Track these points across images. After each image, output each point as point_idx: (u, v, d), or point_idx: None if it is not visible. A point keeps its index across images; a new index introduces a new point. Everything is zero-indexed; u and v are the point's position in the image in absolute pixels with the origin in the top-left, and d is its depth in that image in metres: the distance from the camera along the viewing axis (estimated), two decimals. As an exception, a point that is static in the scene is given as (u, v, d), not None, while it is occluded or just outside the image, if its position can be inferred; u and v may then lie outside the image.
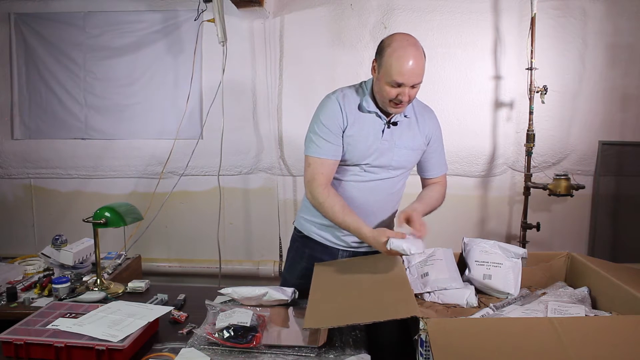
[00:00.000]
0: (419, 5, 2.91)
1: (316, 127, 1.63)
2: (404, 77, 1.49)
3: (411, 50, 1.50)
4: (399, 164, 1.69)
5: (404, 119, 1.67)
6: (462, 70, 2.93)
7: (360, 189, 1.69)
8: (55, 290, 1.77)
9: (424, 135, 1.72)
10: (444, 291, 1.60)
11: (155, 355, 1.33)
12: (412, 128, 1.69)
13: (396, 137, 1.66)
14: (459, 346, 1.13)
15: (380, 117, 1.64)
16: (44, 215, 3.33)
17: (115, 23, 3.10)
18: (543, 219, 2.92)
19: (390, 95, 1.54)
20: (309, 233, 1.80)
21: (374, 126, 1.64)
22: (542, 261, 1.74)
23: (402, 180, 1.76)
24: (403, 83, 1.50)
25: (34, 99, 3.20)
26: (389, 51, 1.51)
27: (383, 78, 1.53)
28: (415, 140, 1.70)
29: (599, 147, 2.93)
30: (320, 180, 1.61)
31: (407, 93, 1.53)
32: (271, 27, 3.00)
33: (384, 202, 1.74)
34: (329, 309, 1.34)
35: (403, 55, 1.49)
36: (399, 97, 1.53)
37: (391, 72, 1.50)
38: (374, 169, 1.67)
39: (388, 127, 1.64)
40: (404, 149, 1.68)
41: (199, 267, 3.18)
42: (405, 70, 1.49)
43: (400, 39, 1.53)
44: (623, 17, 2.82)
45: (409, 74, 1.49)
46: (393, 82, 1.51)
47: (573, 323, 1.19)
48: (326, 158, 1.62)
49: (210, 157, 3.02)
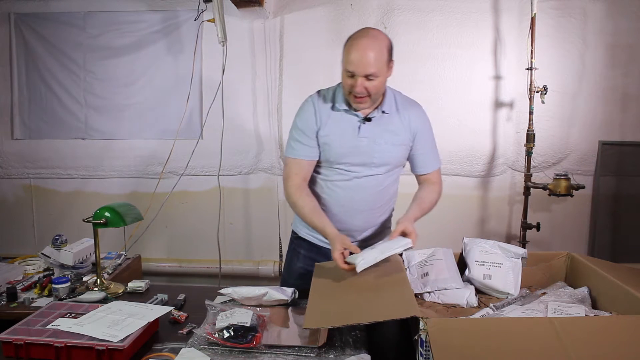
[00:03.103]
0: (419, 5, 2.91)
1: (292, 129, 1.72)
2: (353, 65, 1.53)
3: (363, 41, 1.54)
4: (382, 160, 1.69)
5: (383, 115, 1.67)
6: (462, 70, 2.93)
7: (345, 187, 1.70)
8: (55, 290, 1.77)
9: (408, 131, 1.71)
10: (444, 291, 1.60)
11: (155, 355, 1.33)
12: (394, 123, 1.69)
13: (376, 133, 1.66)
14: (459, 346, 1.13)
15: (352, 113, 1.65)
16: (44, 215, 3.33)
17: (115, 23, 3.10)
18: (543, 219, 2.92)
19: (347, 86, 1.58)
20: (302, 234, 1.84)
21: (349, 123, 1.66)
22: (542, 261, 1.74)
23: (389, 177, 1.75)
24: (353, 72, 1.53)
25: (34, 99, 3.20)
26: (347, 42, 1.57)
27: (342, 68, 1.58)
28: (398, 136, 1.69)
29: (599, 147, 2.93)
30: (293, 180, 1.69)
31: (361, 84, 1.54)
32: (271, 27, 3.00)
33: (372, 200, 1.74)
34: (329, 309, 1.34)
35: (354, 44, 1.54)
36: (353, 88, 1.56)
37: (345, 61, 1.56)
38: (355, 167, 1.68)
39: (363, 123, 1.65)
40: (386, 145, 1.68)
41: (199, 267, 3.18)
42: (354, 59, 1.53)
43: (359, 31, 1.59)
44: (623, 17, 2.82)
45: (358, 62, 1.52)
46: (346, 71, 1.55)
47: (573, 323, 1.19)
48: (300, 158, 1.69)
49: (210, 157, 3.01)
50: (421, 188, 1.81)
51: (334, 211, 1.72)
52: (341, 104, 1.66)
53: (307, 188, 1.70)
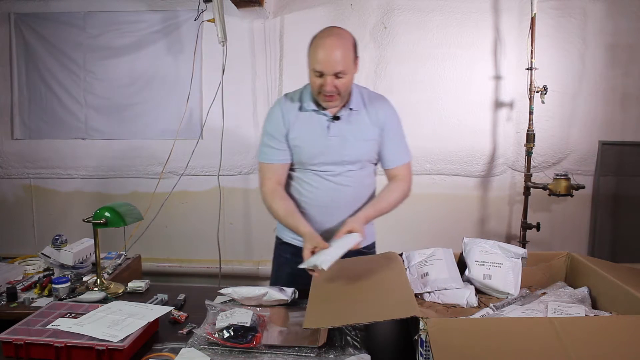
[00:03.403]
0: (419, 5, 2.91)
1: (263, 135, 1.74)
2: (321, 64, 1.54)
3: (330, 39, 1.55)
4: (354, 157, 1.70)
5: (351, 112, 1.68)
6: (462, 70, 2.93)
7: (323, 188, 1.71)
8: (55, 290, 1.77)
9: (376, 125, 1.72)
10: (444, 291, 1.59)
11: (155, 355, 1.33)
12: (363, 119, 1.70)
13: (346, 131, 1.67)
14: (459, 346, 1.13)
15: (321, 113, 1.66)
16: (44, 215, 3.33)
17: (115, 23, 3.10)
18: (543, 219, 2.92)
19: (316, 86, 1.58)
20: (286, 238, 1.84)
21: (318, 123, 1.67)
22: (542, 261, 1.73)
23: (364, 173, 1.75)
24: (322, 71, 1.54)
25: (34, 99, 3.20)
26: (313, 41, 1.58)
27: (309, 69, 1.58)
28: (367, 131, 1.70)
29: (599, 147, 2.93)
30: (267, 185, 1.71)
31: (331, 83, 1.55)
32: (271, 27, 3.00)
33: (350, 197, 1.74)
34: (329, 309, 1.34)
35: (321, 44, 1.55)
36: (323, 87, 1.56)
37: (312, 61, 1.56)
38: (328, 166, 1.69)
39: (332, 122, 1.66)
40: (356, 142, 1.68)
41: (199, 267, 3.18)
42: (322, 58, 1.53)
43: (324, 30, 1.60)
44: (623, 17, 2.82)
45: (326, 61, 1.53)
46: (314, 70, 1.56)
47: (573, 323, 1.19)
48: (271, 162, 1.71)
49: (210, 157, 3.01)
50: (385, 186, 1.79)
51: (315, 212, 1.73)
52: (309, 104, 1.67)
53: (281, 191, 1.72)
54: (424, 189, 3.06)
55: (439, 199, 3.05)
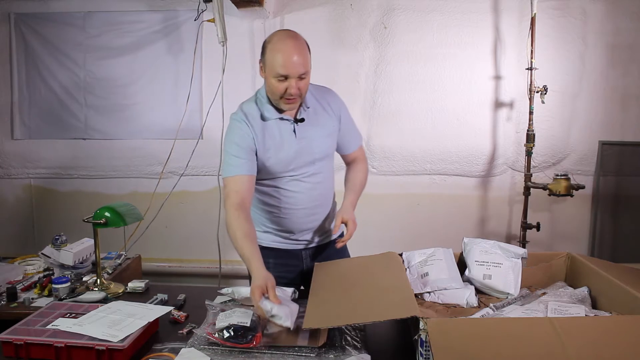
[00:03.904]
0: (419, 5, 2.91)
1: (227, 148, 1.63)
2: (287, 68, 1.52)
3: (290, 42, 1.54)
4: (322, 153, 1.71)
5: (308, 110, 1.68)
6: (462, 70, 2.93)
7: (300, 191, 1.70)
8: (55, 290, 1.77)
9: (334, 117, 1.74)
10: (444, 291, 1.59)
11: (155, 355, 1.33)
12: (320, 115, 1.71)
13: (309, 131, 1.67)
14: (459, 346, 1.13)
15: (285, 119, 1.65)
16: (44, 215, 3.33)
17: (115, 23, 3.10)
18: (543, 219, 2.92)
19: (279, 91, 1.56)
20: (269, 243, 1.79)
21: (284, 130, 1.65)
22: (542, 261, 1.73)
23: (329, 165, 1.79)
24: (288, 75, 1.53)
25: (34, 99, 3.20)
26: (270, 47, 1.55)
27: (270, 74, 1.56)
28: (328, 125, 1.72)
29: (599, 147, 2.93)
30: (233, 199, 1.57)
31: (295, 85, 1.55)
32: (271, 27, 3.00)
33: (326, 192, 1.78)
34: (329, 309, 1.34)
35: (283, 48, 1.53)
36: (288, 90, 1.55)
37: (274, 66, 1.53)
38: (302, 168, 1.68)
39: (297, 124, 1.66)
40: (320, 139, 1.69)
41: (199, 267, 3.18)
42: (287, 62, 1.52)
43: (279, 34, 1.59)
44: (623, 17, 2.82)
45: (292, 64, 1.52)
46: (278, 75, 1.53)
47: (573, 323, 1.19)
48: (239, 174, 1.59)
49: (210, 157, 3.01)
50: (349, 170, 1.86)
51: (298, 215, 1.72)
52: (271, 113, 1.64)
53: (247, 211, 1.58)
54: (424, 189, 3.06)
55: (439, 199, 3.05)
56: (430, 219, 3.07)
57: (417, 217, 3.03)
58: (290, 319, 1.32)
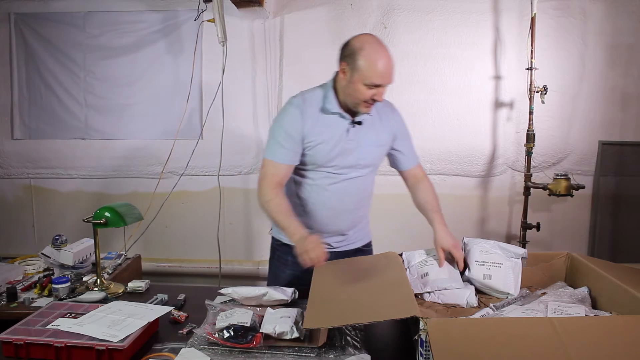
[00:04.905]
0: (419, 5, 2.91)
1: (275, 132, 1.67)
2: (383, 78, 1.54)
3: (385, 51, 1.55)
4: (367, 161, 1.72)
5: (368, 117, 1.68)
6: (462, 70, 2.93)
7: (333, 190, 1.70)
8: (55, 290, 1.77)
9: (388, 131, 1.75)
10: (444, 291, 1.59)
11: (155, 355, 1.33)
12: (375, 125, 1.71)
13: (361, 135, 1.68)
14: (459, 346, 1.13)
15: (344, 117, 1.65)
16: (44, 215, 3.33)
17: (115, 23, 3.10)
18: (543, 219, 2.92)
19: (365, 97, 1.56)
20: (287, 240, 1.80)
21: (338, 127, 1.66)
22: (542, 261, 1.73)
23: (371, 177, 1.79)
24: (382, 84, 1.54)
25: (34, 99, 3.20)
26: (364, 54, 1.53)
27: (359, 80, 1.54)
28: (379, 137, 1.72)
29: (599, 147, 2.93)
30: (269, 180, 1.64)
31: (383, 93, 1.57)
32: (271, 27, 3.00)
33: (357, 200, 1.77)
34: (329, 309, 1.34)
35: (380, 58, 1.53)
36: (374, 97, 1.56)
37: (370, 75, 1.53)
38: (342, 169, 1.69)
39: (353, 126, 1.66)
40: (370, 147, 1.70)
41: (199, 267, 3.18)
42: (384, 70, 1.53)
43: (371, 40, 1.57)
44: (623, 17, 2.82)
45: (387, 74, 1.54)
46: (372, 84, 1.54)
47: (573, 323, 1.19)
48: (279, 162, 1.65)
49: (210, 157, 3.01)
50: (418, 191, 1.83)
51: (322, 214, 1.73)
52: (334, 107, 1.65)
53: (282, 191, 1.67)
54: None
55: (439, 198, 3.04)
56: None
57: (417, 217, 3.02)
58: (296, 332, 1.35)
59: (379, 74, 1.52)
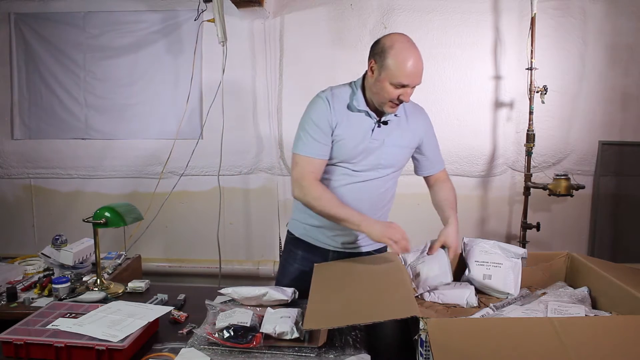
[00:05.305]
0: (419, 5, 2.91)
1: (306, 126, 1.63)
2: (410, 78, 1.52)
3: (416, 52, 1.53)
4: (389, 162, 1.70)
5: (394, 118, 1.68)
6: (462, 70, 2.93)
7: (352, 188, 1.69)
8: (55, 290, 1.77)
9: (415, 134, 1.73)
10: (444, 291, 1.60)
11: (155, 355, 1.33)
12: (402, 126, 1.70)
13: (385, 135, 1.66)
14: (459, 346, 1.13)
15: (370, 115, 1.64)
16: (44, 215, 3.33)
17: (115, 23, 3.10)
18: (543, 219, 2.92)
19: (392, 96, 1.55)
20: (301, 235, 1.81)
21: (364, 125, 1.64)
22: (542, 261, 1.74)
23: (393, 179, 1.77)
24: (410, 84, 1.54)
25: (34, 99, 3.20)
26: (393, 53, 1.52)
27: (386, 79, 1.53)
28: (404, 138, 1.71)
29: (599, 147, 2.93)
30: (310, 178, 1.60)
31: (411, 93, 1.57)
32: (271, 27, 3.00)
33: (376, 200, 1.74)
34: (329, 309, 1.34)
35: (409, 57, 1.51)
36: (400, 97, 1.55)
37: (398, 74, 1.51)
38: (364, 168, 1.67)
39: (378, 126, 1.65)
40: (393, 147, 1.68)
41: (199, 267, 3.18)
42: (412, 71, 1.52)
43: (402, 40, 1.54)
44: (623, 17, 2.82)
45: (415, 75, 1.53)
46: (399, 83, 1.52)
47: (573, 323, 1.19)
48: (314, 157, 1.61)
49: (210, 157, 3.01)
50: (439, 189, 1.82)
51: None
52: (361, 105, 1.63)
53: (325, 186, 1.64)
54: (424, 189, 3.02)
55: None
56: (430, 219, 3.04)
57: (417, 217, 3.02)
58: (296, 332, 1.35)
59: (407, 73, 1.51)
